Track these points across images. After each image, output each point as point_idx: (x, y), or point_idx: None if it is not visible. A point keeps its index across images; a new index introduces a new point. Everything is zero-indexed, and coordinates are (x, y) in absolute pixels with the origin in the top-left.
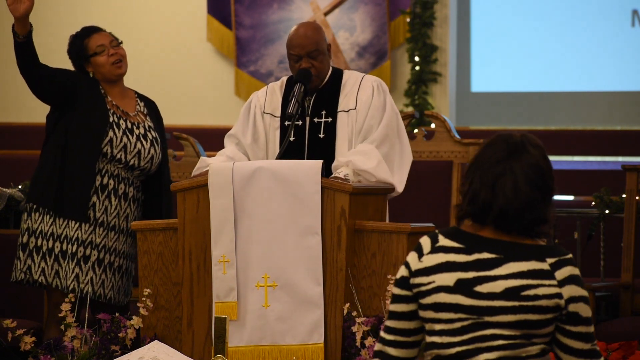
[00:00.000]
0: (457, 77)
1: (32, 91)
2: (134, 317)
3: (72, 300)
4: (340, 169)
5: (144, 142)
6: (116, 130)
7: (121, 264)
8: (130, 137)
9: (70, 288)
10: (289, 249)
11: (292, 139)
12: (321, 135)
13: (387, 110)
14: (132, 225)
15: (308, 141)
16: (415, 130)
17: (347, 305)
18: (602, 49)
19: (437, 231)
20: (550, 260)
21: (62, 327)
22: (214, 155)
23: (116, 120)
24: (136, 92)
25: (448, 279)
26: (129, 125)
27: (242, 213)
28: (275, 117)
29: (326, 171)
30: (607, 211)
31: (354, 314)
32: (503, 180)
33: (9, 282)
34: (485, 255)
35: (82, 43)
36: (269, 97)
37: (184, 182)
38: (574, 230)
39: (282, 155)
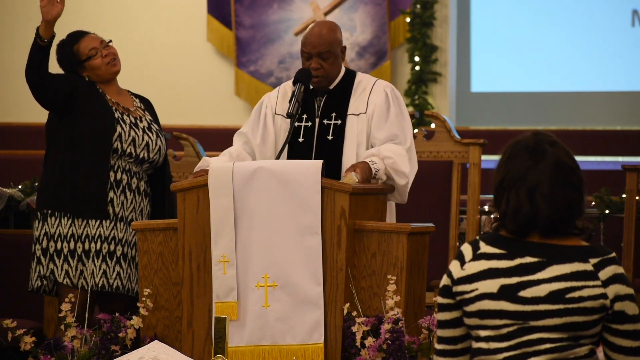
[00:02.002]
0: (457, 77)
1: (35, 97)
2: (134, 317)
3: (72, 300)
4: (374, 159)
5: (150, 134)
6: (123, 125)
7: None
8: (136, 130)
9: (99, 285)
10: (289, 249)
11: (300, 139)
12: (330, 137)
13: (406, 117)
14: (132, 225)
15: (316, 143)
16: (415, 130)
17: (347, 305)
18: (602, 49)
19: (477, 237)
20: (593, 261)
21: (62, 327)
22: (214, 156)
23: (120, 115)
24: (129, 91)
25: (491, 285)
26: (133, 119)
27: (242, 213)
28: (286, 118)
29: (333, 171)
30: (607, 211)
31: (354, 314)
32: (538, 190)
33: (9, 283)
34: (528, 259)
35: (72, 50)
36: (281, 98)
37: (184, 182)
38: None
39: (289, 156)
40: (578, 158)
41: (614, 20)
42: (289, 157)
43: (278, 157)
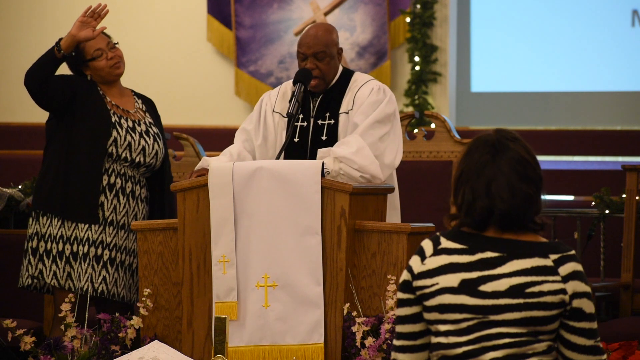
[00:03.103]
0: (457, 77)
1: (35, 100)
2: (134, 317)
3: (72, 300)
4: (325, 160)
5: (147, 139)
6: (119, 130)
7: (131, 262)
8: (133, 134)
9: (84, 289)
10: (289, 249)
11: (296, 139)
12: (323, 138)
13: (380, 107)
14: (131, 225)
15: (311, 143)
16: (415, 130)
17: (347, 305)
18: (602, 49)
19: (438, 233)
20: (553, 257)
21: (62, 327)
22: (214, 156)
23: (118, 119)
24: (133, 91)
25: (452, 280)
26: (131, 123)
27: (242, 213)
28: (283, 117)
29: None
30: (607, 211)
31: (354, 314)
32: (496, 184)
33: (9, 283)
34: (489, 254)
35: (78, 47)
36: (280, 96)
37: (184, 182)
38: (574, 230)
39: (285, 156)
40: (578, 158)
41: (614, 20)
42: (285, 157)
43: (277, 158)
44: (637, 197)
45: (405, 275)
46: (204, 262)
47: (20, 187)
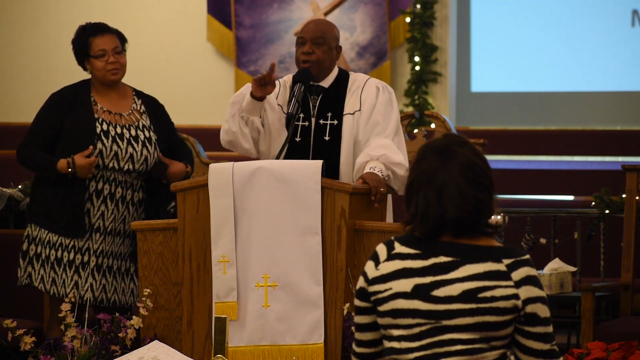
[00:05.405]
0: (457, 77)
1: None
2: (134, 317)
3: (72, 300)
4: (373, 164)
5: (135, 145)
6: (105, 140)
7: (120, 265)
8: (120, 143)
9: (69, 296)
10: (289, 249)
11: (297, 139)
12: (326, 138)
13: (394, 108)
14: (131, 225)
15: (313, 142)
16: (415, 130)
17: (347, 305)
18: (602, 49)
19: (392, 238)
20: (506, 261)
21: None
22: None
23: (104, 128)
24: (134, 90)
25: (405, 285)
26: (119, 130)
27: (242, 213)
28: (284, 112)
29: (330, 171)
30: (607, 211)
31: (354, 314)
32: (447, 190)
33: (9, 282)
34: (442, 259)
35: (87, 40)
36: (282, 90)
37: (184, 182)
38: (574, 230)
39: (285, 156)
40: (578, 158)
41: (614, 20)
42: (286, 156)
43: (278, 157)
44: (637, 197)
45: (360, 282)
46: (204, 262)
47: (20, 187)
